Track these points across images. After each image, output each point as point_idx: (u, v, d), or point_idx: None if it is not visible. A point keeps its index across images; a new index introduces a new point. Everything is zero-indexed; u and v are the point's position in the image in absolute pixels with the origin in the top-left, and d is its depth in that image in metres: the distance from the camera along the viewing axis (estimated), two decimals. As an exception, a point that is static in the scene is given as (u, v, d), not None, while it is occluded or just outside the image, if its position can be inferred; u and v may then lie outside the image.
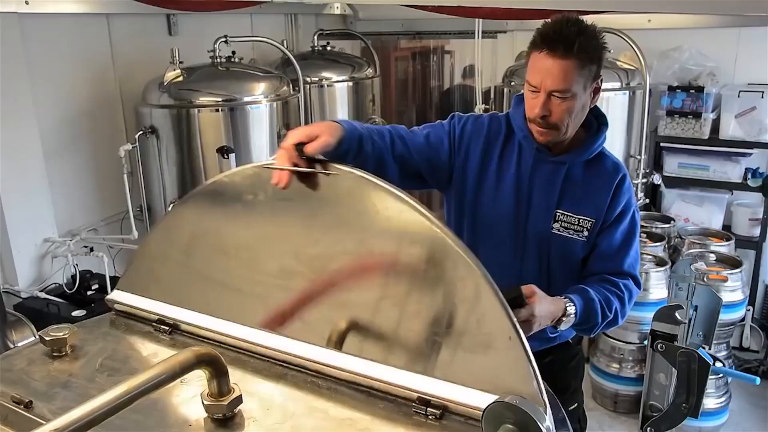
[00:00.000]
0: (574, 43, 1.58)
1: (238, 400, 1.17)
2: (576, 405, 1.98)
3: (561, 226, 1.75)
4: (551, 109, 1.62)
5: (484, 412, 0.95)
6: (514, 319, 1.08)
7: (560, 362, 1.89)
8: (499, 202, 1.77)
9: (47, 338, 1.36)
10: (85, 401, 1.00)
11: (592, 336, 1.93)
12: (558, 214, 1.75)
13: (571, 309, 1.62)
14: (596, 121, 1.78)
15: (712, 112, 3.88)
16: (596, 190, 1.76)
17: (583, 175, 1.76)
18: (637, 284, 1.83)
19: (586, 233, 1.75)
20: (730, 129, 3.83)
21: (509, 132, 1.81)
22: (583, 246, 1.77)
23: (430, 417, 1.12)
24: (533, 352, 1.74)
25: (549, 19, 1.65)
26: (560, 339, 1.89)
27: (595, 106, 1.76)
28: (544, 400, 1.05)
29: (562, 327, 1.62)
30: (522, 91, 1.78)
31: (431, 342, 1.18)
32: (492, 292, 1.11)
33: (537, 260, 1.78)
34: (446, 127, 1.83)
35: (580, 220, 1.75)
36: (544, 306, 1.54)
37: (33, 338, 2.33)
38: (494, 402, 0.94)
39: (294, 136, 1.42)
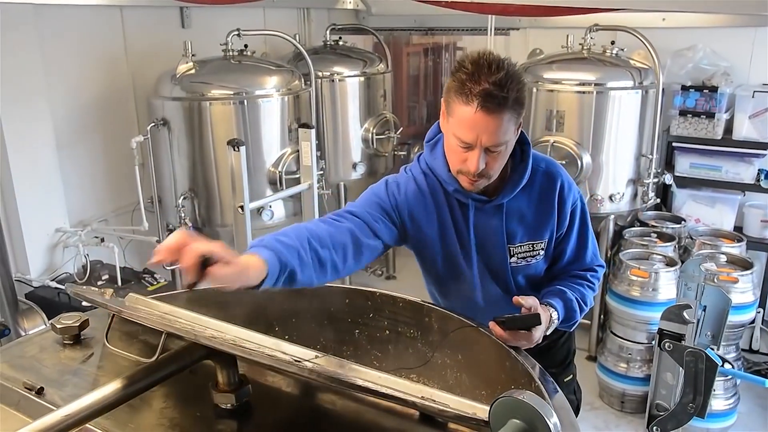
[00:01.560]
0: (508, 95, 1.46)
1: (247, 391, 1.18)
2: (571, 377, 2.05)
3: (518, 258, 1.76)
4: (487, 162, 1.55)
5: (491, 406, 0.95)
6: None
7: (553, 340, 1.92)
8: (453, 255, 1.75)
9: (58, 326, 1.38)
10: (96, 389, 1.01)
11: (571, 330, 1.96)
12: (512, 249, 1.74)
13: (555, 315, 1.67)
14: (518, 145, 1.67)
15: (726, 112, 3.84)
16: (542, 212, 1.74)
17: (525, 202, 1.73)
18: (601, 267, 1.88)
19: (542, 253, 1.78)
20: (744, 129, 3.80)
21: (430, 182, 1.73)
22: (543, 262, 1.80)
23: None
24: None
25: (461, 62, 1.50)
26: None
27: None
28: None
29: (548, 332, 1.67)
30: (435, 133, 1.72)
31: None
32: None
33: (506, 290, 1.79)
34: (384, 203, 1.69)
35: (535, 245, 1.76)
36: (543, 319, 1.59)
37: (44, 326, 2.35)
38: (502, 396, 0.94)
39: (210, 249, 1.16)
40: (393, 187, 1.72)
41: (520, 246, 1.74)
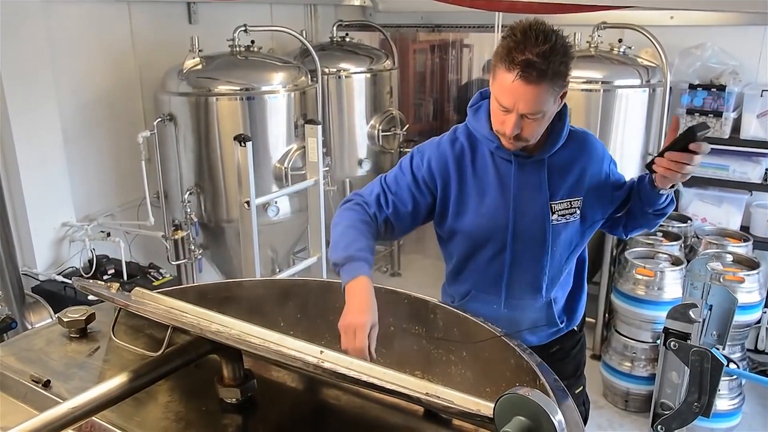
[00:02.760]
0: (548, 67, 1.51)
1: (252, 385, 1.18)
2: (581, 388, 2.06)
3: (559, 215, 1.79)
4: (523, 127, 1.61)
5: (496, 403, 0.95)
6: None
7: (565, 350, 1.94)
8: (487, 213, 1.77)
9: (65, 319, 1.38)
10: (102, 382, 1.02)
11: (651, 230, 2.03)
12: (553, 206, 1.77)
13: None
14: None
15: (734, 111, 3.83)
16: (578, 169, 1.79)
17: (563, 160, 1.78)
18: None
19: (578, 212, 1.81)
20: (752, 129, 3.78)
21: (473, 143, 1.79)
22: (579, 223, 1.82)
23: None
24: (541, 345, 1.78)
25: (513, 28, 1.55)
26: (566, 328, 1.95)
27: None
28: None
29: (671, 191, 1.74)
30: (478, 101, 1.80)
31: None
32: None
33: (540, 253, 1.80)
34: (408, 176, 1.79)
35: (573, 202, 1.79)
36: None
37: (50, 320, 2.36)
38: (507, 393, 0.94)
39: (367, 338, 1.42)
40: (418, 159, 1.80)
41: (560, 203, 1.78)
